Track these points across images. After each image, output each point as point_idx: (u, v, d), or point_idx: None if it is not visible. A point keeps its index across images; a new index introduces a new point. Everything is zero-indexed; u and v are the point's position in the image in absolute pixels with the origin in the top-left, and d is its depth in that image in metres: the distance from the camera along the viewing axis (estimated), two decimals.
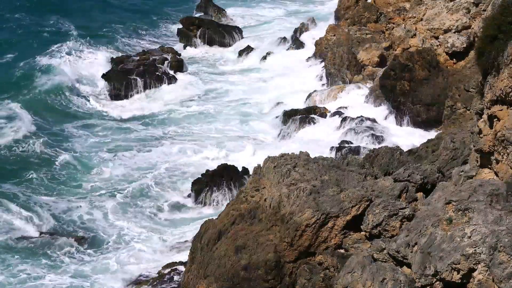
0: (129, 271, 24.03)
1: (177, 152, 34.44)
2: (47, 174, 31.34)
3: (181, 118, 39.21)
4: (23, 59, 46.21)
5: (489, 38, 15.08)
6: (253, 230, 18.09)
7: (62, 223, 27.49)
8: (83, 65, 46.95)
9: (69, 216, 28.03)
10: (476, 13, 35.14)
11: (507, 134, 14.58)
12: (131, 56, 47.96)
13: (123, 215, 28.17)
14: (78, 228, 27.22)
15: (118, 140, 36.06)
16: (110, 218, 27.97)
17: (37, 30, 53.86)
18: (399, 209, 16.33)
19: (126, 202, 29.24)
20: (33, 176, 30.97)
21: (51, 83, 42.35)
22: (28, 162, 32.49)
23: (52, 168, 32.08)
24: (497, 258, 12.64)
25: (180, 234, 26.64)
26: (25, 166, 32.12)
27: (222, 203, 28.38)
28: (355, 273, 14.61)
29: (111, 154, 33.95)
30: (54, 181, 30.94)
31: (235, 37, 54.44)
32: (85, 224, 27.52)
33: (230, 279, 17.42)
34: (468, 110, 29.70)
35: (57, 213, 28.17)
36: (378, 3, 44.81)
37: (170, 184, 30.97)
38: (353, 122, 34.71)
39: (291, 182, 18.01)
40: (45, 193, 29.74)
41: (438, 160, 20.55)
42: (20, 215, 27.42)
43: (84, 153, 33.98)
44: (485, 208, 13.41)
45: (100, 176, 31.66)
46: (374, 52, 39.06)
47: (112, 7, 63.11)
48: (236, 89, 43.58)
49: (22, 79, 42.96)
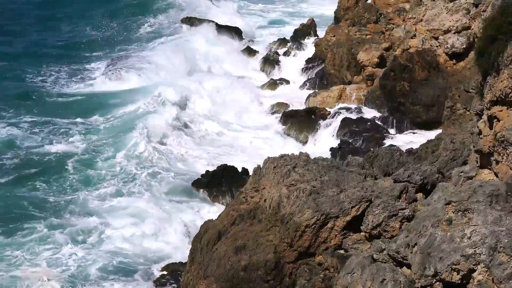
0: (129, 271, 24.00)
1: (177, 152, 34.42)
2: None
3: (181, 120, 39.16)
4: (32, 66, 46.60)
5: (489, 38, 15.07)
6: (253, 231, 18.10)
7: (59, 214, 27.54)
8: (82, 66, 47.19)
9: (64, 210, 28.00)
10: (476, 13, 35.15)
11: (507, 134, 14.58)
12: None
13: (123, 215, 28.11)
14: (75, 223, 27.19)
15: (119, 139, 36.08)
16: (110, 218, 27.91)
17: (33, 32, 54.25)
18: (399, 209, 16.34)
19: (126, 202, 29.21)
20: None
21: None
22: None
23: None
24: (497, 258, 12.64)
25: (180, 234, 26.58)
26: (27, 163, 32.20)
27: (222, 204, 28.40)
28: (355, 273, 14.61)
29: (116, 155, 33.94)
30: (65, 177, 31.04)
31: (234, 37, 54.52)
32: (83, 222, 27.48)
33: (230, 280, 17.43)
34: (468, 111, 29.67)
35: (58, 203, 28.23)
36: (378, 4, 44.83)
37: (170, 184, 30.92)
38: (353, 122, 34.74)
39: (291, 183, 18.01)
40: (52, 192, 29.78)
41: (438, 160, 20.52)
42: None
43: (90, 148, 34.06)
44: (485, 209, 13.41)
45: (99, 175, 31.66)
46: (374, 52, 39.07)
47: (111, 6, 63.26)
48: (236, 89, 43.54)
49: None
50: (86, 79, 45.28)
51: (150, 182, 30.62)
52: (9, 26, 57.50)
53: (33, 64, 47.62)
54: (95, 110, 39.13)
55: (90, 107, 39.66)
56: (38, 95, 41.82)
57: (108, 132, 36.19)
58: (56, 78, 45.35)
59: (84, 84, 44.33)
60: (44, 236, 25.75)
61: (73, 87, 43.81)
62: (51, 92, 42.63)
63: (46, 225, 26.37)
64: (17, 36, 55.01)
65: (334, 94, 38.38)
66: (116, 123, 37.59)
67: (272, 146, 33.79)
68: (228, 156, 34.03)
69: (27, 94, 41.57)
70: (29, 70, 46.57)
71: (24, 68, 46.78)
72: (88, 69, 47.56)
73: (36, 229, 26.12)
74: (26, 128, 36.21)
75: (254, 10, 66.80)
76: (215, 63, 48.51)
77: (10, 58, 48.86)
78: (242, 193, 19.74)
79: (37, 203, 28.33)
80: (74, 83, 44.48)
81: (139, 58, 48.18)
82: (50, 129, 36.26)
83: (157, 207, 28.14)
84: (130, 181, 30.73)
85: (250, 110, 40.01)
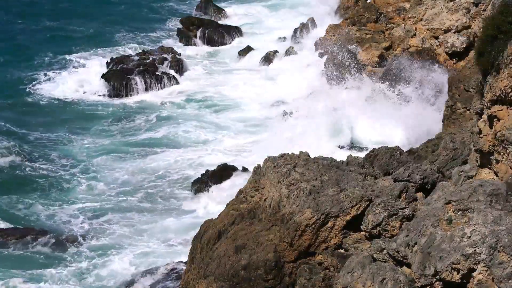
0: (129, 272, 24.02)
1: (176, 152, 34.45)
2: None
3: (181, 118, 39.18)
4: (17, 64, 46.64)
5: (489, 38, 15.09)
6: (253, 230, 18.10)
7: (59, 223, 27.54)
8: (82, 66, 47.14)
9: (67, 216, 28.05)
10: (476, 13, 35.17)
11: (507, 134, 14.59)
12: (130, 56, 47.98)
13: (122, 216, 28.16)
14: (76, 227, 27.23)
15: (118, 140, 36.09)
16: (109, 218, 27.96)
17: (33, 33, 54.16)
18: (399, 209, 16.34)
19: (126, 202, 29.27)
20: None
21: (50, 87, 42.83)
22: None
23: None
24: (497, 258, 12.65)
25: (180, 234, 26.62)
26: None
27: (222, 203, 28.39)
28: (355, 273, 14.62)
29: (112, 155, 33.97)
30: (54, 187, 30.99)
31: (235, 37, 54.50)
32: (83, 224, 27.53)
33: (230, 279, 17.42)
34: (468, 110, 29.65)
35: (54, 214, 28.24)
36: (378, 3, 44.79)
37: (170, 184, 30.95)
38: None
39: (291, 182, 18.01)
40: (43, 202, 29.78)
41: (438, 160, 20.54)
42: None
43: (83, 155, 34.00)
44: (485, 208, 13.42)
45: (99, 176, 31.70)
46: (374, 52, 39.07)
47: (110, 6, 63.21)
48: (236, 89, 43.58)
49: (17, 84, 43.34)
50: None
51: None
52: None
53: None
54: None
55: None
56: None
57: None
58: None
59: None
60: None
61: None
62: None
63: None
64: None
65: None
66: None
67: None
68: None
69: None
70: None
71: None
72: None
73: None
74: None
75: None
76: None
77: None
78: (242, 192, 19.74)
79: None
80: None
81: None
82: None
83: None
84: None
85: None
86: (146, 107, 40.89)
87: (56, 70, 46.42)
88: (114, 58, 47.00)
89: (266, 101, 40.78)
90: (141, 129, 37.68)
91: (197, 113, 39.94)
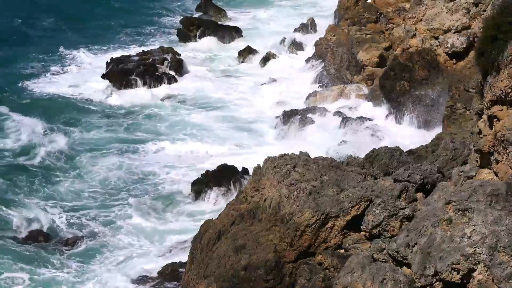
0: (129, 272, 24.00)
1: (176, 152, 34.44)
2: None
3: (181, 118, 39.18)
4: (18, 62, 46.70)
5: (489, 38, 15.09)
6: (253, 230, 18.10)
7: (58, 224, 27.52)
8: (82, 65, 47.17)
9: (66, 217, 28.02)
10: (476, 13, 35.13)
11: (507, 134, 14.59)
12: (131, 56, 47.95)
13: (122, 216, 28.14)
14: (75, 229, 27.20)
15: (118, 140, 36.08)
16: (109, 218, 27.94)
17: (32, 33, 54.20)
18: (399, 209, 16.34)
19: (124, 202, 29.25)
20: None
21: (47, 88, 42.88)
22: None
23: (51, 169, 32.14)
24: (497, 258, 12.64)
25: (180, 234, 26.61)
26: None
27: (222, 203, 28.37)
28: (355, 273, 14.61)
29: (111, 154, 33.96)
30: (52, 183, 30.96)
31: (235, 37, 54.49)
32: (83, 224, 27.51)
33: (230, 279, 17.42)
34: (468, 110, 29.66)
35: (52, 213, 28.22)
36: (378, 4, 44.76)
37: (170, 184, 30.94)
38: (352, 122, 34.72)
39: (291, 182, 18.01)
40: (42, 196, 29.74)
41: (438, 160, 20.54)
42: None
43: (83, 153, 34.00)
44: (485, 208, 13.42)
45: (97, 177, 31.67)
46: (374, 52, 39.04)
47: (110, 6, 63.23)
48: (236, 89, 43.58)
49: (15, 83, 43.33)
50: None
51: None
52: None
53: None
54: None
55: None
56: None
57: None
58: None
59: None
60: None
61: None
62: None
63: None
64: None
65: (334, 93, 38.39)
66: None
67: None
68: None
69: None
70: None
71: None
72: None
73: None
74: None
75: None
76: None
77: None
78: (242, 192, 19.74)
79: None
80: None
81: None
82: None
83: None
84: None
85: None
86: (146, 107, 40.88)
87: (56, 70, 46.45)
88: (114, 58, 46.99)
89: (266, 102, 40.77)
90: (141, 129, 37.66)
91: (197, 113, 39.92)
